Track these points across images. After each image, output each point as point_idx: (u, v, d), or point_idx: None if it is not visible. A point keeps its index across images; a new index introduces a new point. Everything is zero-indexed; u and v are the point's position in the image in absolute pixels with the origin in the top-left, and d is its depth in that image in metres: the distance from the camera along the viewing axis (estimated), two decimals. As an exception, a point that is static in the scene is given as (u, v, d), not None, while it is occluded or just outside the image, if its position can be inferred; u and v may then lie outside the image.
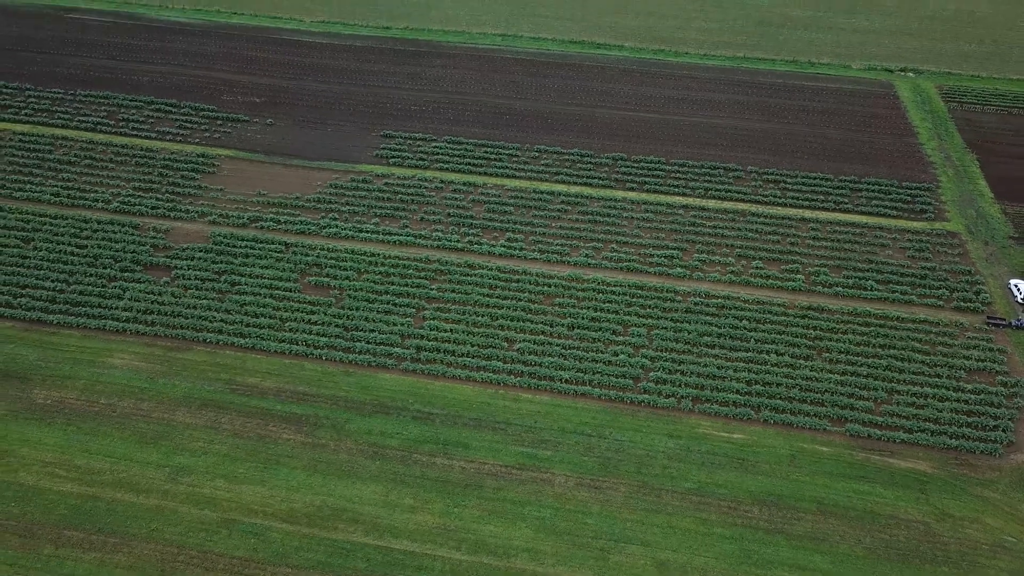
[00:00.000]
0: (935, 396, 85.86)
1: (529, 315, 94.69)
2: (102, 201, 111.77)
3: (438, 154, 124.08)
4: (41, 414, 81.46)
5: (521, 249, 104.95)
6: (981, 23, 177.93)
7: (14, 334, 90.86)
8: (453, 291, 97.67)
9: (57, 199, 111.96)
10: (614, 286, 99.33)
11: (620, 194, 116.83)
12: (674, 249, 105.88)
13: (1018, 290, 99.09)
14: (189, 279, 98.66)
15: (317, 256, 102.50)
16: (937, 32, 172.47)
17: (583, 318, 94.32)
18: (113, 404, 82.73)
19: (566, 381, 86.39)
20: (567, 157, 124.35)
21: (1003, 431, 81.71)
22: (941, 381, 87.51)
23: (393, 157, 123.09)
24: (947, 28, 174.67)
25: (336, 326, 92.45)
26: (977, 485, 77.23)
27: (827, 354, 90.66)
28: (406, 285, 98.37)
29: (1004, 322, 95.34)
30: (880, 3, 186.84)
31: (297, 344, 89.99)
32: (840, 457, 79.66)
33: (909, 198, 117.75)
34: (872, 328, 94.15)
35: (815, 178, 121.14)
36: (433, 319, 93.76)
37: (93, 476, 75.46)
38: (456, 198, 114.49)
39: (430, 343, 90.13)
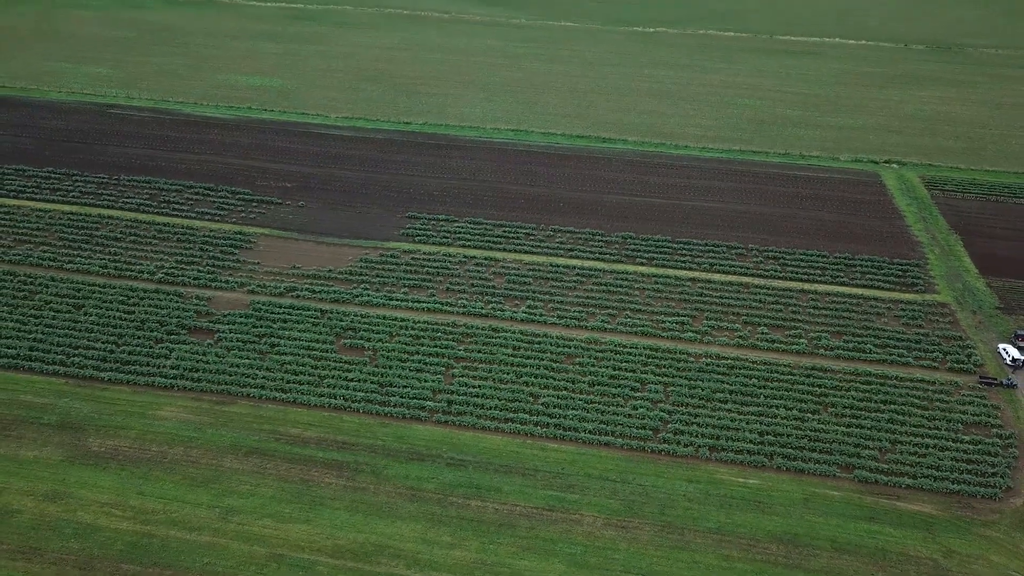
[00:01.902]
0: (936, 446, 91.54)
1: (551, 373, 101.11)
2: (147, 272, 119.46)
3: (460, 233, 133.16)
4: (96, 460, 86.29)
5: (541, 315, 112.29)
6: (957, 122, 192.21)
7: (68, 389, 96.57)
8: (479, 351, 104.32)
9: (105, 270, 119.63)
10: (630, 348, 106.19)
11: (631, 268, 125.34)
12: (684, 316, 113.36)
13: (1006, 353, 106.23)
14: (231, 341, 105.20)
15: (351, 321, 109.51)
16: (917, 130, 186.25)
17: (602, 376, 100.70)
18: (164, 451, 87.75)
19: (590, 432, 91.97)
20: (580, 236, 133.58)
21: (1001, 477, 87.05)
22: (940, 433, 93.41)
23: (418, 235, 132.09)
24: (926, 126, 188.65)
25: (371, 383, 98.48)
26: (980, 526, 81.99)
27: (832, 409, 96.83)
28: (435, 346, 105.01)
29: (996, 381, 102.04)
30: (863, 104, 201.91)
31: (335, 398, 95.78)
32: (850, 500, 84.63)
33: (900, 273, 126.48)
34: (873, 386, 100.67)
35: (812, 255, 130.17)
36: (462, 376, 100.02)
37: (147, 515, 79.75)
38: (478, 271, 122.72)
39: (460, 397, 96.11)
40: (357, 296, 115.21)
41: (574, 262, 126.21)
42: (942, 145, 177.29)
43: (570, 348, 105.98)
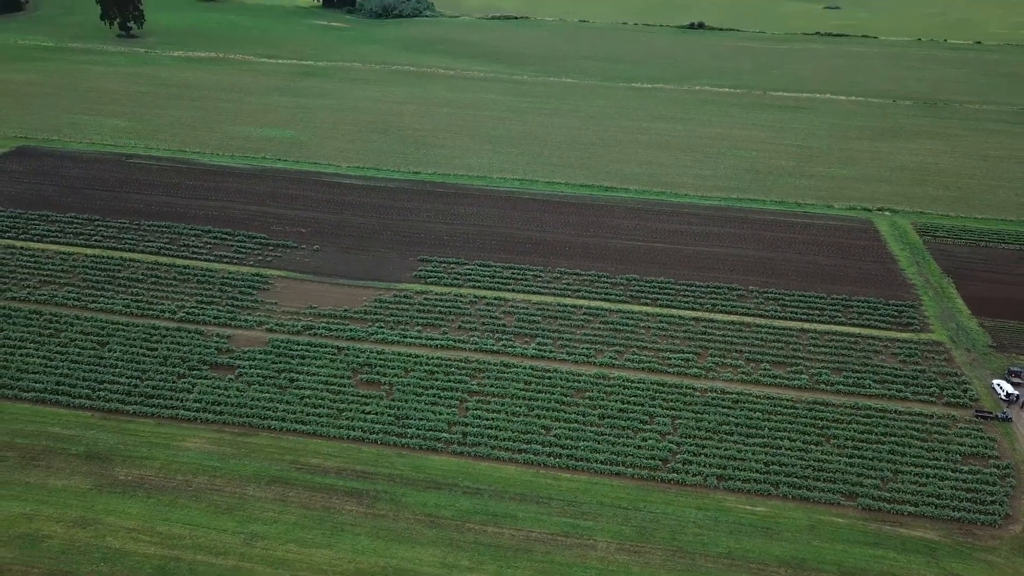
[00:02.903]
0: (936, 476, 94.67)
1: (562, 406, 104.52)
2: (168, 312, 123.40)
3: (470, 275, 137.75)
4: (123, 488, 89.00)
5: (551, 352, 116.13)
6: (944, 173, 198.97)
7: (94, 422, 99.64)
8: (492, 386, 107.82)
9: (128, 309, 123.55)
10: (638, 383, 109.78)
11: (636, 308, 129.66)
12: (689, 353, 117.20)
13: (1000, 388, 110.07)
14: (252, 376, 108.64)
15: (367, 357, 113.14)
16: (907, 180, 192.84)
17: (612, 410, 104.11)
18: (189, 480, 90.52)
19: (601, 462, 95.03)
20: (586, 277, 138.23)
21: (1000, 505, 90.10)
22: (940, 463, 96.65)
23: (430, 277, 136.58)
24: (915, 177, 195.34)
25: (388, 415, 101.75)
26: (981, 551, 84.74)
27: (835, 440, 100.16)
28: (449, 381, 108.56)
29: (991, 415, 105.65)
30: (854, 157, 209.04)
31: (354, 430, 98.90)
32: (855, 527, 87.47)
33: (896, 313, 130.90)
34: (873, 419, 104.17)
35: (810, 296, 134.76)
36: (476, 409, 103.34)
37: (174, 541, 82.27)
38: (489, 310, 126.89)
39: (474, 429, 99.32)
40: (372, 334, 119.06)
41: (581, 302, 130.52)
42: (932, 194, 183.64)
43: (580, 383, 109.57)
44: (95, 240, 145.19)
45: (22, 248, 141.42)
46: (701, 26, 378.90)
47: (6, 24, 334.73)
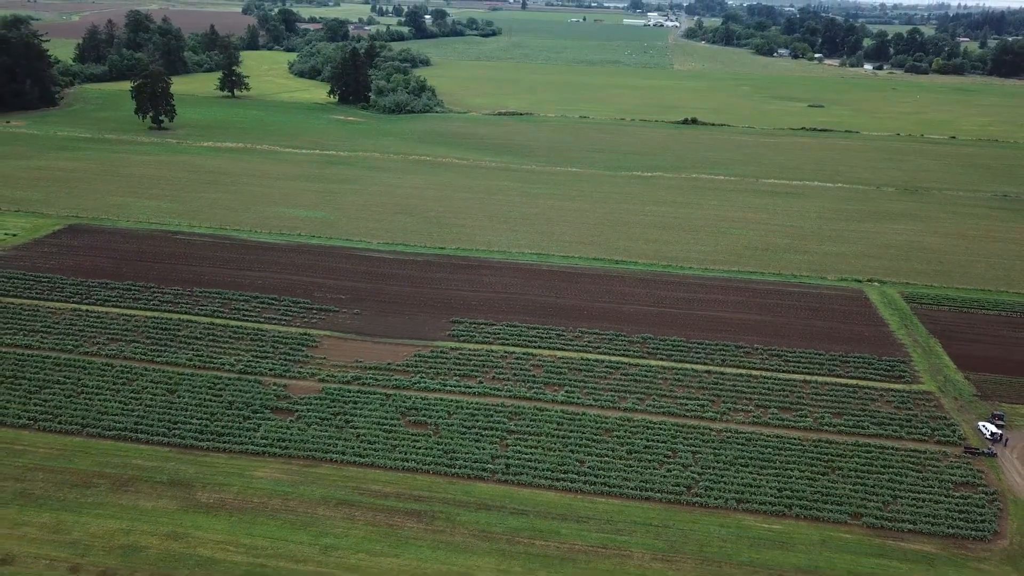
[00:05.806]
0: (931, 500, 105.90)
1: (593, 443, 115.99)
2: (228, 365, 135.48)
3: (500, 334, 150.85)
4: (207, 509, 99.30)
5: (578, 398, 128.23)
6: (927, 250, 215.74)
7: (173, 455, 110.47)
8: (528, 426, 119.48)
9: (191, 362, 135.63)
10: (659, 425, 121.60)
11: (653, 362, 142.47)
12: (704, 401, 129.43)
13: (986, 429, 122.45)
14: (310, 419, 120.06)
15: (413, 402, 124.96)
16: (893, 256, 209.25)
17: (638, 446, 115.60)
18: (264, 502, 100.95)
19: (632, 489, 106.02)
20: (604, 336, 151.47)
21: (989, 524, 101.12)
22: (935, 489, 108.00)
23: (463, 336, 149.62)
24: (901, 253, 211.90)
25: (436, 450, 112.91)
26: (974, 561, 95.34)
27: (839, 471, 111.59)
28: (489, 422, 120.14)
29: (978, 451, 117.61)
30: (843, 235, 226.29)
31: (407, 462, 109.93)
32: (861, 541, 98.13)
33: (889, 368, 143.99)
34: (873, 453, 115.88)
35: (810, 353, 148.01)
36: (515, 445, 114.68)
37: (258, 551, 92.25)
38: (519, 363, 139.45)
39: (516, 462, 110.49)
40: (416, 383, 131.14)
41: (602, 357, 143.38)
42: (916, 268, 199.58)
43: (607, 425, 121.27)
44: (153, 304, 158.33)
45: (87, 311, 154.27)
46: (694, 121, 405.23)
47: (44, 118, 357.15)
